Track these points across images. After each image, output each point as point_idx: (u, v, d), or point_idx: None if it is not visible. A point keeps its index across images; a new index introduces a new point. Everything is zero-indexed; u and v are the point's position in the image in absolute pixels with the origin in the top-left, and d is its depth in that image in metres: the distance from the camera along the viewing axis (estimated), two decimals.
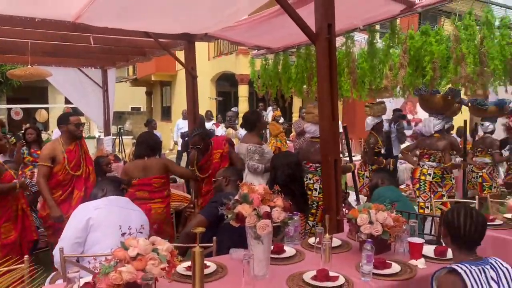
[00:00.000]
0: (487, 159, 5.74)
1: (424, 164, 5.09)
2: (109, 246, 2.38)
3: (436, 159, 5.02)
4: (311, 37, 3.28)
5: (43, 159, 3.87)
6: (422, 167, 5.09)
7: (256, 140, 4.30)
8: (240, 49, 11.93)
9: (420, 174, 5.08)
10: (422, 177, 5.04)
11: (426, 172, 5.02)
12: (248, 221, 2.01)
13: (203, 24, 4.88)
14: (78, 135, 4.03)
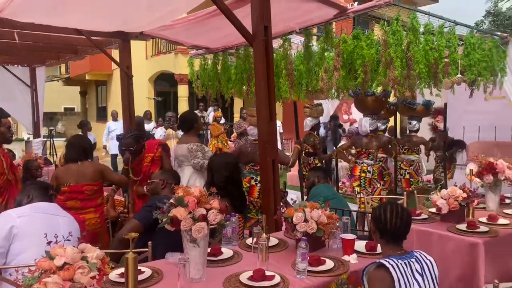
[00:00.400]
0: (413, 157, 6.12)
1: (363, 162, 5.35)
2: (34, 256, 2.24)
3: (374, 157, 5.29)
4: (248, 39, 3.30)
5: None
6: (362, 165, 5.35)
7: (196, 140, 4.25)
8: (179, 48, 11.75)
9: (361, 172, 5.33)
10: (363, 174, 5.31)
11: (366, 170, 5.30)
12: (183, 225, 1.98)
13: (138, 22, 4.74)
14: (10, 139, 3.79)
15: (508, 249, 2.89)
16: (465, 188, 3.14)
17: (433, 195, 3.23)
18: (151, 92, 13.99)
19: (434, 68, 4.16)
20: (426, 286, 1.84)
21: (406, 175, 6.06)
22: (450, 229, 2.93)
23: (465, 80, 4.62)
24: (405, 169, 6.09)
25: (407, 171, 6.07)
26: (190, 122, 4.27)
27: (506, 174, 3.39)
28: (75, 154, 3.58)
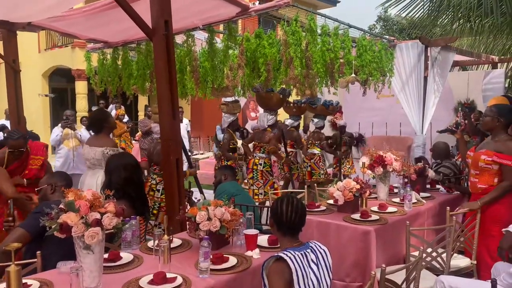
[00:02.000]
0: (316, 150, 6.50)
1: (256, 155, 5.55)
2: None
3: (265, 150, 5.52)
4: (148, 34, 3.18)
5: None
6: (254, 158, 5.54)
7: (111, 143, 3.94)
8: (76, 42, 10.96)
9: (253, 164, 5.50)
10: (255, 166, 5.48)
11: (258, 162, 5.47)
12: (74, 231, 1.83)
13: (24, 11, 4.31)
14: None
15: (395, 235, 3.17)
16: (358, 180, 3.38)
17: (330, 187, 3.42)
18: (45, 89, 12.84)
19: (331, 68, 4.42)
20: (321, 274, 1.92)
21: (308, 168, 6.42)
22: (345, 219, 3.13)
23: (358, 79, 4.97)
24: (307, 162, 6.45)
25: (309, 164, 6.43)
26: (100, 122, 3.92)
27: (393, 166, 3.71)
28: None
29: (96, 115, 4.20)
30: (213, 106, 11.22)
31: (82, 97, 11.60)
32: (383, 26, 21.45)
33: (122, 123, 8.93)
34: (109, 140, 3.97)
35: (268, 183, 5.44)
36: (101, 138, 3.91)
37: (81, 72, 11.15)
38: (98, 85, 5.90)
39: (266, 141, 5.47)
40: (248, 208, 3.27)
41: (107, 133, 4.01)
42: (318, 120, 6.74)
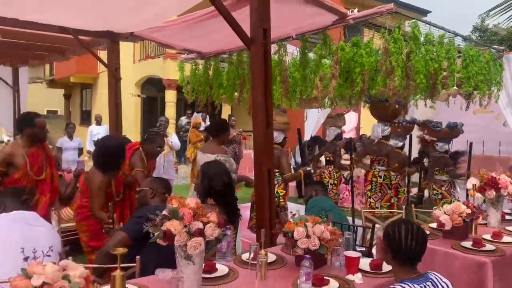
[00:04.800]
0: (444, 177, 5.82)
1: (375, 168, 5.46)
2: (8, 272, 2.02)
3: (384, 163, 5.39)
4: (246, 42, 3.15)
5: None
6: (373, 170, 5.45)
7: (222, 151, 4.10)
8: (168, 53, 11.54)
9: (372, 176, 5.42)
10: (374, 178, 5.40)
11: (378, 174, 5.39)
12: (177, 240, 1.79)
13: (128, 22, 4.55)
14: (43, 138, 3.72)
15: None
16: (469, 203, 3.02)
17: (436, 210, 3.10)
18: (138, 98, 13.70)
19: (433, 79, 4.08)
20: None
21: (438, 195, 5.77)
22: (455, 247, 2.80)
23: (461, 92, 4.55)
24: (437, 189, 5.82)
25: (439, 191, 5.78)
26: (221, 129, 4.17)
27: (509, 189, 3.29)
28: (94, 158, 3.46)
29: (219, 122, 4.42)
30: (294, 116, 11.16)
31: (171, 105, 12.15)
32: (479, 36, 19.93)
33: (199, 131, 9.17)
34: (222, 148, 4.13)
35: (386, 197, 5.27)
36: (214, 145, 4.07)
37: (171, 81, 11.70)
38: (190, 94, 6.07)
39: (384, 153, 5.31)
40: (343, 227, 3.07)
41: (221, 141, 4.18)
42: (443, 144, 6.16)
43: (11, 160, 3.56)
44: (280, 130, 4.53)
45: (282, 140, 4.66)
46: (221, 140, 4.17)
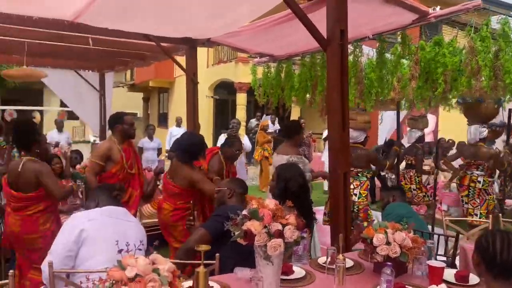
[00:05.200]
0: None
1: (472, 173, 5.20)
2: (102, 262, 2.19)
3: (484, 168, 5.13)
4: (322, 43, 3.13)
5: (97, 156, 3.81)
6: (471, 175, 5.20)
7: (296, 152, 4.20)
8: (239, 57, 11.82)
9: (470, 181, 5.18)
10: (472, 184, 5.15)
11: (476, 179, 5.14)
12: (257, 240, 1.83)
13: (206, 28, 4.74)
14: (132, 134, 4.01)
15: None
16: None
17: None
18: (210, 100, 14.18)
19: None
20: None
21: None
22: None
23: None
24: None
25: None
26: (294, 131, 4.26)
27: None
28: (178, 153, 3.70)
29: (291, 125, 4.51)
30: None
31: (241, 108, 12.41)
32: None
33: (267, 133, 9.24)
34: (296, 149, 4.19)
35: (485, 203, 5.05)
36: (288, 146, 4.14)
37: (242, 85, 11.96)
38: (261, 97, 6.15)
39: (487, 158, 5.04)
40: (424, 234, 2.93)
41: (295, 143, 4.26)
42: None
43: (110, 154, 3.84)
44: (361, 130, 4.50)
45: (364, 139, 4.60)
46: (294, 142, 4.23)
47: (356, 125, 4.34)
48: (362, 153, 4.46)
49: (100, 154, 3.83)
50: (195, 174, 3.52)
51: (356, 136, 4.38)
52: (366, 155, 4.48)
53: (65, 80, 7.81)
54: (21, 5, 3.81)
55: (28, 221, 3.23)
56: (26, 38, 5.03)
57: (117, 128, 3.94)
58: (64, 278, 2.16)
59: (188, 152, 3.58)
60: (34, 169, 3.20)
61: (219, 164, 4.09)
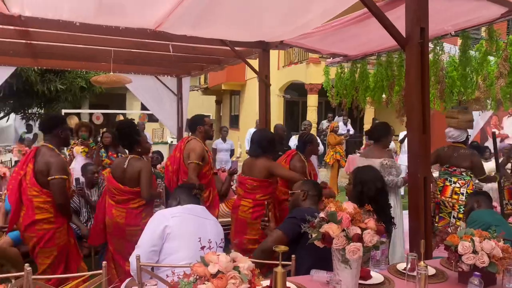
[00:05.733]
0: None
1: None
2: (184, 257, 2.31)
3: None
4: (401, 42, 3.02)
5: (197, 157, 3.99)
6: None
7: (389, 155, 4.14)
8: (310, 58, 11.75)
9: None
10: None
11: None
12: (335, 243, 1.82)
13: (279, 31, 4.78)
14: (212, 135, 4.25)
15: None
16: None
17: None
18: (281, 102, 14.26)
19: None
20: None
21: None
22: None
23: None
24: None
25: None
26: (384, 133, 4.16)
27: None
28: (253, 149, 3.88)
29: (381, 126, 4.39)
30: None
31: (312, 109, 12.32)
32: None
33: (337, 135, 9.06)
34: (388, 152, 4.11)
35: None
36: (378, 150, 4.07)
37: (313, 86, 11.88)
38: (334, 98, 6.08)
39: None
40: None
41: (385, 146, 4.18)
42: None
43: (204, 154, 4.05)
44: (463, 129, 4.28)
45: (466, 139, 4.39)
46: (384, 144, 4.14)
47: (458, 124, 4.19)
48: (466, 152, 4.25)
49: (199, 155, 3.99)
50: (270, 162, 3.72)
51: (457, 135, 4.25)
52: (470, 155, 4.25)
53: (146, 85, 8.30)
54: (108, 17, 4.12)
55: (132, 213, 3.54)
56: (113, 47, 5.42)
57: (198, 129, 4.15)
58: (149, 271, 2.31)
59: (261, 147, 3.77)
60: (137, 166, 3.54)
61: (300, 163, 4.12)
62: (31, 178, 3.26)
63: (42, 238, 3.27)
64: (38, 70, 11.06)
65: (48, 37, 4.73)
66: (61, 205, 3.30)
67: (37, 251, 3.30)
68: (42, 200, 3.26)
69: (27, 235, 3.32)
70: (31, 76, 10.92)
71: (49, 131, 3.45)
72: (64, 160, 3.46)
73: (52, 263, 3.31)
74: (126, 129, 3.74)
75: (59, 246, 3.33)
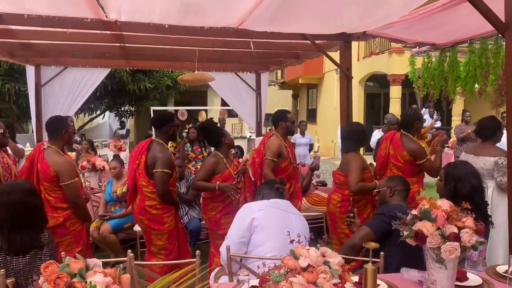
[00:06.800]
0: None
1: None
2: (271, 249, 2.37)
3: None
4: (500, 28, 2.79)
5: (272, 154, 4.15)
6: None
7: (501, 151, 3.69)
8: (393, 48, 11.26)
9: None
10: None
11: None
12: (429, 242, 1.75)
13: (361, 22, 4.65)
14: (293, 131, 4.36)
15: None
16: None
17: None
18: (361, 94, 13.86)
19: None
20: None
21: None
22: None
23: None
24: None
25: None
26: (497, 127, 3.77)
27: None
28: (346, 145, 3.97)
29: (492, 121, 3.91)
30: None
31: (395, 102, 11.82)
32: None
33: None
34: (500, 149, 3.66)
35: None
36: (490, 147, 3.70)
37: (396, 77, 11.38)
38: (421, 89, 5.77)
39: None
40: None
41: (495, 142, 3.77)
42: None
43: (280, 151, 4.16)
44: None
45: None
46: (496, 140, 3.74)
47: None
48: None
49: (274, 152, 4.12)
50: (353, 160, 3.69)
51: None
52: None
53: (226, 81, 8.56)
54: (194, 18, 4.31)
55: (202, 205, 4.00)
56: (197, 46, 5.67)
57: (280, 125, 4.24)
58: (238, 261, 2.40)
59: (349, 139, 3.83)
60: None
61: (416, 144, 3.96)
62: (142, 170, 3.60)
63: (152, 221, 3.61)
64: (129, 71, 11.94)
65: (140, 40, 5.09)
66: (163, 195, 3.58)
67: (150, 233, 3.65)
68: (149, 190, 3.58)
69: (139, 217, 3.68)
70: (124, 76, 11.83)
71: (159, 128, 3.75)
72: (171, 155, 3.73)
73: (163, 244, 3.63)
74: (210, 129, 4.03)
75: (169, 230, 3.64)
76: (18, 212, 2.23)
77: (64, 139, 3.44)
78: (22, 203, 2.26)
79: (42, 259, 2.25)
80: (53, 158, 3.32)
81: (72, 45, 5.54)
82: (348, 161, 3.76)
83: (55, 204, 3.34)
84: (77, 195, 3.40)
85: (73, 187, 3.34)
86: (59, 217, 3.33)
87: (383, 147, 4.12)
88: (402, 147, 3.88)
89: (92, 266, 1.53)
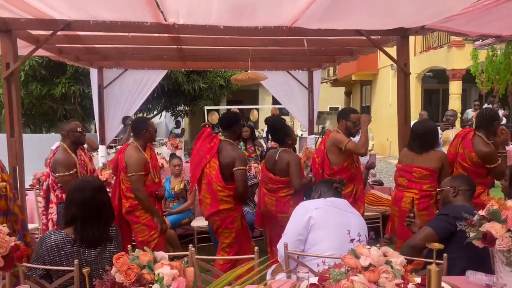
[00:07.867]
0: None
1: None
2: (329, 247, 2.37)
3: None
4: None
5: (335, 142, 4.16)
6: None
7: None
8: (453, 41, 10.71)
9: None
10: None
11: None
12: (499, 244, 1.67)
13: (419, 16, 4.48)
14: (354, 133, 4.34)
15: None
16: None
17: None
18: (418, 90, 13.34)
19: None
20: None
21: None
22: None
23: None
24: None
25: None
26: None
27: None
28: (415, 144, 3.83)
29: None
30: None
31: (456, 98, 11.25)
32: None
33: None
34: None
35: None
36: None
37: (456, 72, 10.83)
38: (485, 84, 5.49)
39: None
40: None
41: None
42: None
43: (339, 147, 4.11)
44: None
45: None
46: None
47: None
48: None
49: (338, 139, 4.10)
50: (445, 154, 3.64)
51: None
52: None
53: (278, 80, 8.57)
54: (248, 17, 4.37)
55: (281, 201, 3.91)
56: (250, 46, 5.73)
57: (340, 122, 4.24)
58: (296, 259, 2.42)
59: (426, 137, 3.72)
60: (286, 158, 3.86)
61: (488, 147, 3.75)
62: (217, 174, 3.68)
63: (224, 222, 3.75)
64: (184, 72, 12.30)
65: (196, 41, 5.23)
66: (241, 193, 3.72)
67: (220, 231, 3.81)
68: (225, 194, 3.70)
69: (212, 218, 3.81)
70: (179, 77, 12.21)
71: (227, 128, 3.89)
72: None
73: (230, 242, 3.78)
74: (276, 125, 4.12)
75: (236, 229, 3.78)
76: (87, 208, 2.39)
77: (146, 137, 3.86)
78: (92, 199, 2.41)
79: (111, 251, 2.40)
80: (129, 151, 3.77)
81: (132, 48, 5.81)
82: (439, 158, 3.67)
83: (125, 193, 3.81)
84: (137, 188, 3.74)
85: (135, 179, 3.72)
86: (126, 204, 3.80)
87: (454, 144, 3.98)
88: (471, 148, 3.73)
89: (160, 259, 1.61)
